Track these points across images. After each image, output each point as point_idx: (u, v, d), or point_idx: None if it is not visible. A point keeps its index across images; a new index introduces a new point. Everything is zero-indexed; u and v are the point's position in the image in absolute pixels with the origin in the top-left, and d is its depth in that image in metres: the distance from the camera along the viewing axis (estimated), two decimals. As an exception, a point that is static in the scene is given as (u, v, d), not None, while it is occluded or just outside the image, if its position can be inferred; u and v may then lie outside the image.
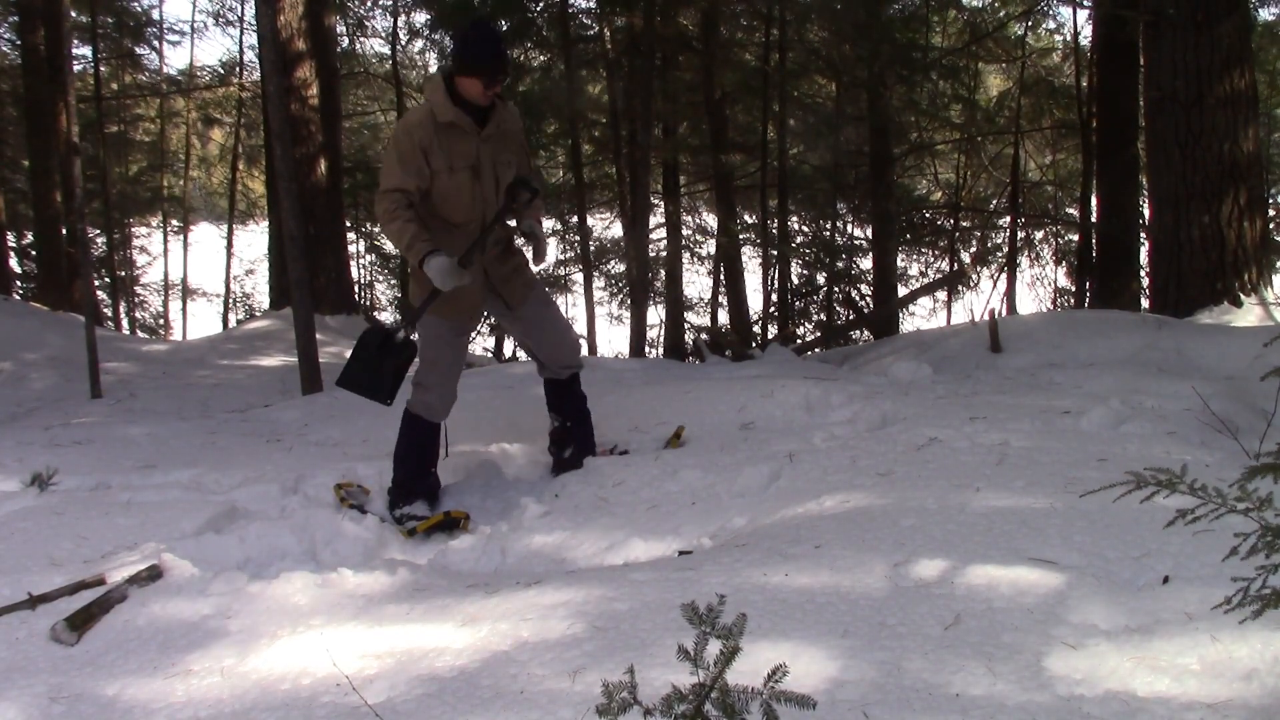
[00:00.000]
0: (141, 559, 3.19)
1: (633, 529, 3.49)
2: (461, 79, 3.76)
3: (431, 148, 3.76)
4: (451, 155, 3.79)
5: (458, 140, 3.79)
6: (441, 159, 3.78)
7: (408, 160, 3.76)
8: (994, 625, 2.21)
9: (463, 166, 3.81)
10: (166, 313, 20.72)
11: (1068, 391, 4.44)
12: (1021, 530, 2.67)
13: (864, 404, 4.40)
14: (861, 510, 3.04)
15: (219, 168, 22.93)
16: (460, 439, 4.89)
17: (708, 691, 1.46)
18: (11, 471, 4.49)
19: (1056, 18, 15.17)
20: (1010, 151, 14.36)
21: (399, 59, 18.23)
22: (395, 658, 2.38)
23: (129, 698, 2.38)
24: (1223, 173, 6.47)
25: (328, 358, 8.82)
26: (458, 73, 3.76)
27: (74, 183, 8.17)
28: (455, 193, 3.83)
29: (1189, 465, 1.91)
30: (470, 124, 3.80)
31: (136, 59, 19.06)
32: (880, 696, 1.95)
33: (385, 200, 3.79)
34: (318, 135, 11.60)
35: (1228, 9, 6.42)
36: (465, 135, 3.80)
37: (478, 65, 3.71)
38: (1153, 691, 1.92)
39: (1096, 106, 10.69)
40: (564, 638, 2.34)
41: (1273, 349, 2.20)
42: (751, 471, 3.76)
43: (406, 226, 3.74)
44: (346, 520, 3.72)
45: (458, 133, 3.79)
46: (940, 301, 15.68)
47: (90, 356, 7.50)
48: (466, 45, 3.75)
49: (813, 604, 2.37)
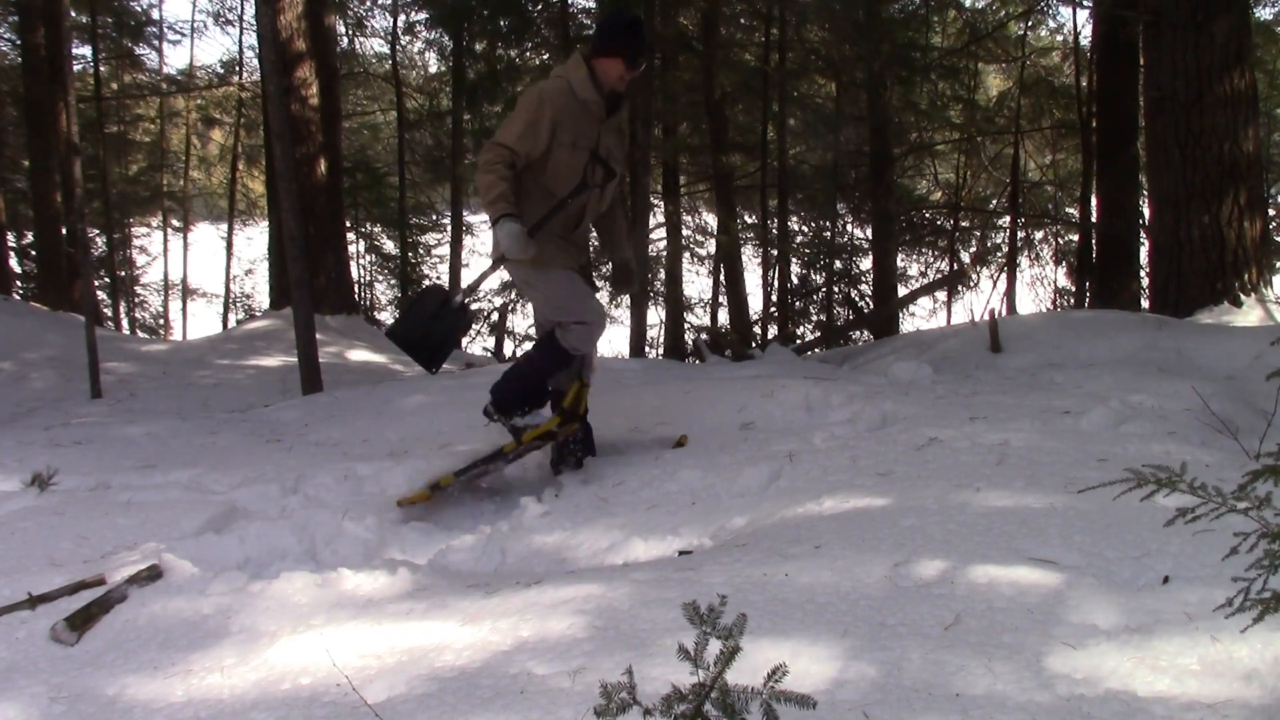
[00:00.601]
0: (141, 559, 3.19)
1: (633, 529, 3.49)
2: (602, 61, 3.81)
3: (563, 120, 3.82)
4: (578, 133, 3.85)
5: (586, 120, 3.86)
6: (568, 134, 3.83)
7: (534, 126, 3.81)
8: (994, 625, 2.21)
9: (585, 146, 3.87)
10: (166, 313, 20.74)
11: (1068, 391, 4.43)
12: (1021, 530, 2.67)
13: (864, 404, 4.40)
14: (861, 510, 3.04)
15: (219, 168, 22.94)
16: (460, 439, 4.89)
17: (708, 691, 1.46)
18: (11, 471, 4.49)
19: (1056, 18, 15.18)
20: (1010, 151, 14.37)
21: (399, 59, 18.26)
22: (395, 657, 2.38)
23: (129, 698, 2.38)
24: (1223, 173, 6.47)
25: (328, 358, 8.83)
26: (599, 55, 3.82)
27: (74, 183, 8.18)
28: (570, 169, 3.87)
29: (1189, 465, 1.91)
30: (600, 108, 3.87)
31: (136, 59, 19.08)
32: (880, 696, 1.95)
33: (491, 151, 3.83)
34: (318, 135, 11.60)
35: (1225, 6, 6.42)
36: (593, 118, 3.87)
37: (621, 47, 3.78)
38: (1153, 691, 1.92)
39: (1096, 106, 10.70)
40: (564, 637, 2.34)
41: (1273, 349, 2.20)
42: (751, 471, 3.76)
43: (498, 183, 3.78)
44: (347, 520, 3.72)
45: (588, 113, 3.85)
46: (940, 301, 15.68)
47: (90, 356, 7.50)
48: (611, 28, 3.84)
49: (813, 604, 2.37)
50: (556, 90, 3.84)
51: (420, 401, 5.87)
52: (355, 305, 13.18)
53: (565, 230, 4.00)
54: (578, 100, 3.83)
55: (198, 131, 21.30)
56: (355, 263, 17.82)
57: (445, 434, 5.05)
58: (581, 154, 3.87)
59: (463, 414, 5.45)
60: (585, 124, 3.86)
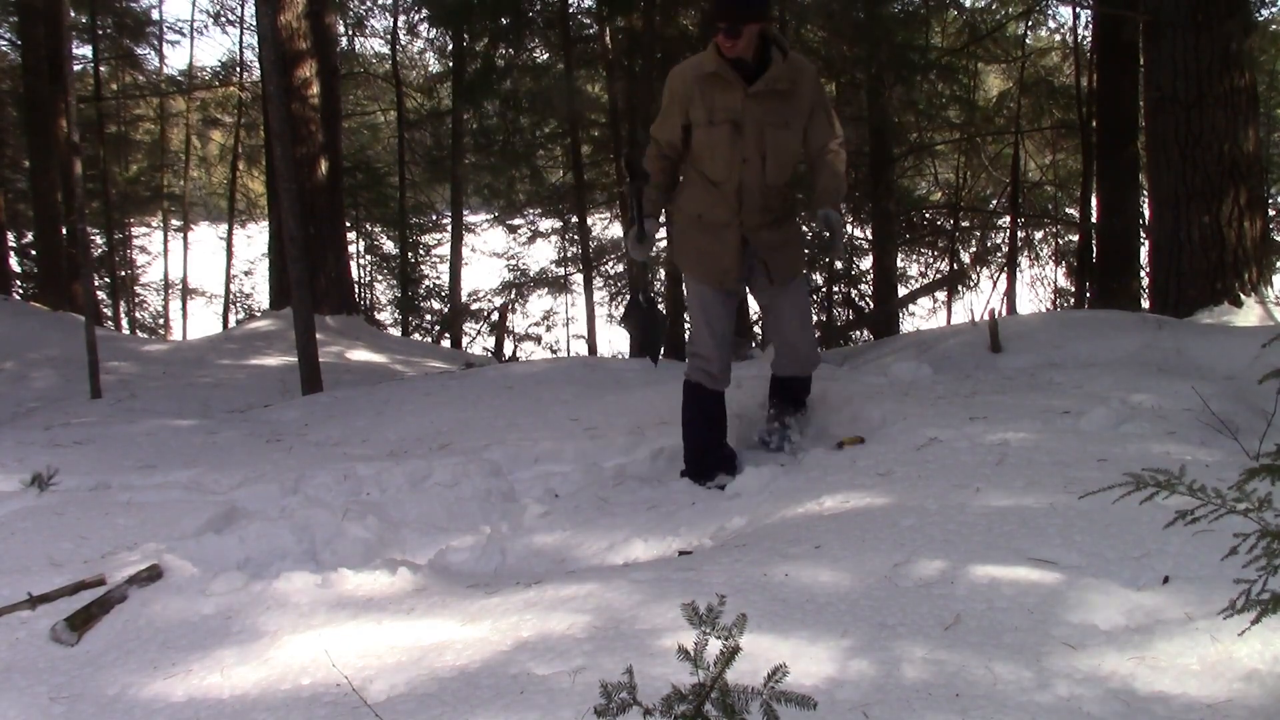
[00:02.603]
0: (141, 559, 3.19)
1: (633, 529, 3.49)
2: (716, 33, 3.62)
3: (692, 98, 3.66)
4: (713, 108, 3.65)
5: (721, 92, 3.64)
6: (701, 111, 3.66)
7: (667, 110, 3.74)
8: (994, 625, 2.21)
9: (723, 120, 3.65)
10: (166, 312, 20.74)
11: (1068, 391, 4.43)
12: (1021, 530, 2.67)
13: (864, 404, 4.40)
14: (861, 510, 3.04)
15: (219, 168, 22.93)
16: (460, 439, 4.89)
17: (708, 691, 1.46)
18: (11, 471, 4.49)
19: (1056, 18, 15.18)
20: (1010, 151, 14.36)
21: (399, 59, 18.26)
22: (395, 657, 2.38)
23: (129, 698, 2.38)
24: (1223, 173, 6.47)
25: (328, 358, 8.82)
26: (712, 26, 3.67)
27: (74, 183, 8.17)
28: (713, 147, 3.69)
29: (1188, 465, 1.91)
30: (735, 77, 3.62)
31: (136, 59, 19.08)
32: (880, 696, 1.95)
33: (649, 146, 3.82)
34: (318, 135, 11.60)
35: (1229, 10, 6.42)
36: (729, 88, 3.63)
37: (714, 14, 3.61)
38: (1153, 691, 1.92)
39: (1096, 106, 10.69)
40: (564, 637, 2.34)
41: (1272, 349, 2.20)
42: (751, 471, 3.76)
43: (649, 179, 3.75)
44: (346, 520, 3.72)
45: (720, 85, 3.63)
46: (940, 301, 15.68)
47: (90, 356, 7.49)
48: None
49: (813, 604, 2.37)
50: (683, 68, 3.72)
51: (420, 401, 5.87)
52: (355, 305, 13.18)
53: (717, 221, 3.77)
54: (705, 74, 3.64)
55: (198, 131, 21.29)
56: (355, 263, 17.82)
57: (445, 434, 5.06)
58: (720, 129, 3.65)
59: (463, 414, 5.46)
60: (721, 96, 3.63)
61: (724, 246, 3.75)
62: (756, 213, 3.74)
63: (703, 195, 3.74)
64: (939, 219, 14.72)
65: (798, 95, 3.67)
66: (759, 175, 3.68)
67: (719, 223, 3.75)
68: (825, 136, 3.74)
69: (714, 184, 3.72)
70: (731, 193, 3.70)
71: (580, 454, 4.56)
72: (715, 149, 3.67)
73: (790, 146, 3.71)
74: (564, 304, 17.85)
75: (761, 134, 3.64)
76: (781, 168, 3.72)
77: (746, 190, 3.70)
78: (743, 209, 3.73)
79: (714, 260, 3.79)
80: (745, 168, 3.67)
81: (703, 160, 3.72)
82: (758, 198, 3.71)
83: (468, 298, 16.58)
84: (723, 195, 3.72)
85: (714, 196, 3.73)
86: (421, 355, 11.86)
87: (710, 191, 3.74)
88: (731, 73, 3.60)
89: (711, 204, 3.72)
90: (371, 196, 17.94)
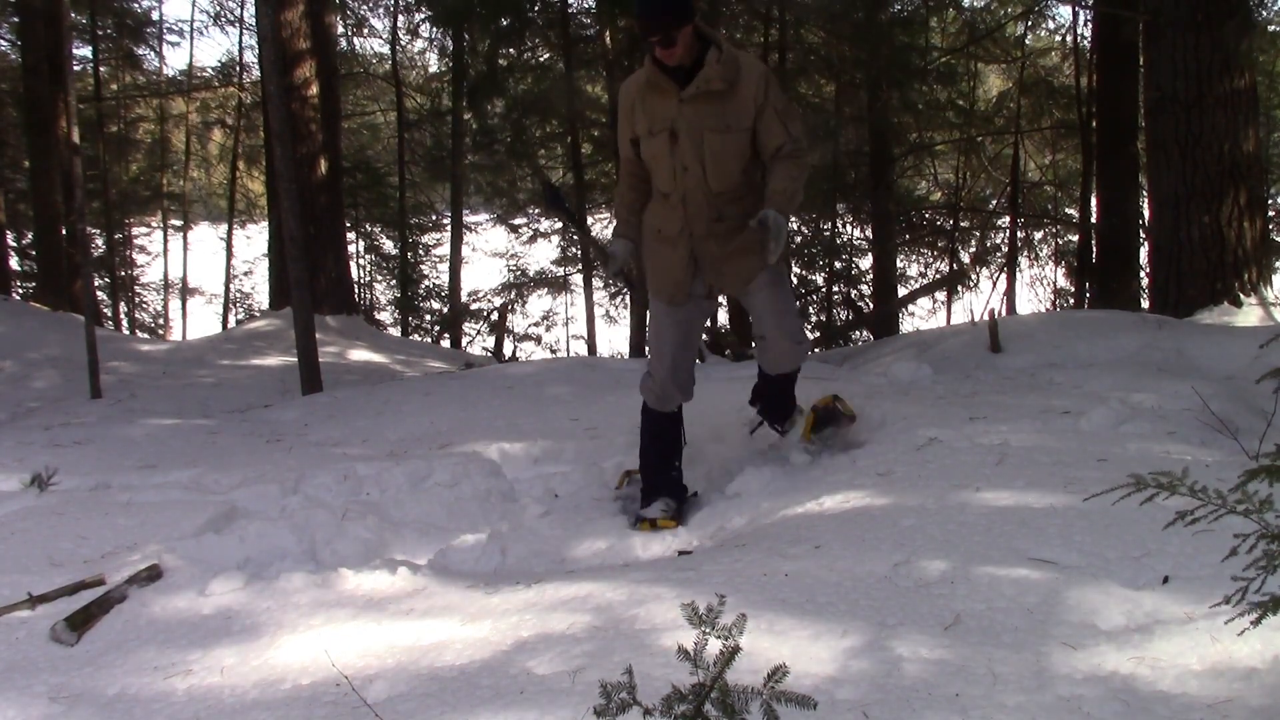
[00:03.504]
0: (141, 559, 3.19)
1: (633, 529, 3.49)
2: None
3: (636, 110, 3.57)
4: (653, 117, 3.53)
5: (659, 101, 3.51)
6: (644, 122, 3.55)
7: (620, 127, 3.67)
8: (994, 625, 2.21)
9: (661, 129, 3.51)
10: (166, 312, 20.74)
11: (1068, 391, 4.43)
12: (1021, 530, 2.67)
13: (864, 404, 4.40)
14: (861, 510, 3.04)
15: (219, 168, 22.93)
16: (460, 439, 4.89)
17: (708, 691, 1.46)
18: (11, 471, 4.49)
19: (1056, 18, 15.18)
20: (1010, 151, 14.36)
21: (399, 59, 18.26)
22: (395, 657, 2.38)
23: (129, 698, 2.38)
24: (1223, 173, 6.47)
25: (328, 358, 8.82)
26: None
27: (74, 183, 8.16)
28: (656, 158, 3.57)
29: (1189, 466, 1.91)
30: (669, 84, 3.46)
31: (136, 59, 19.07)
32: (880, 696, 1.95)
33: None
34: (318, 135, 11.60)
35: (1229, 10, 6.42)
36: (665, 96, 3.49)
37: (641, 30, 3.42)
38: (1153, 691, 1.92)
39: (1096, 106, 10.69)
40: (564, 637, 2.34)
41: (1271, 349, 2.19)
42: (751, 471, 3.76)
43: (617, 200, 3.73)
44: (346, 520, 3.72)
45: (658, 93, 3.50)
46: (940, 301, 15.69)
47: (90, 356, 7.49)
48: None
49: (813, 604, 2.37)
50: (628, 82, 3.64)
51: (420, 401, 5.87)
52: (355, 305, 13.18)
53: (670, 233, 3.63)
54: (645, 83, 3.52)
55: (198, 132, 21.29)
56: (355, 263, 17.82)
57: (445, 434, 5.06)
58: (659, 139, 3.51)
59: (463, 413, 5.46)
60: (659, 105, 3.50)
61: (675, 259, 3.63)
62: (704, 222, 3.56)
63: (658, 208, 3.66)
64: (939, 219, 14.72)
65: (738, 95, 3.45)
66: (701, 182, 3.52)
67: (670, 235, 3.62)
68: (775, 140, 3.48)
69: (664, 196, 3.62)
70: (677, 203, 3.57)
71: (580, 454, 4.56)
72: (657, 160, 3.56)
73: (730, 150, 3.50)
74: (564, 304, 17.86)
75: (699, 139, 3.47)
76: (724, 173, 3.51)
77: (691, 199, 3.54)
78: (689, 219, 3.57)
79: (665, 274, 3.67)
80: (686, 176, 3.52)
81: (653, 173, 3.63)
82: (705, 207, 3.54)
83: (467, 298, 16.59)
84: (670, 206, 3.60)
85: (665, 209, 3.63)
86: (421, 355, 11.86)
87: (662, 204, 3.64)
88: (666, 80, 3.46)
89: (665, 217, 3.62)
90: (371, 196, 17.94)
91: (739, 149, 3.51)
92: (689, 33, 3.38)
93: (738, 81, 3.43)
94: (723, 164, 3.50)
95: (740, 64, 3.46)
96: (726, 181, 3.53)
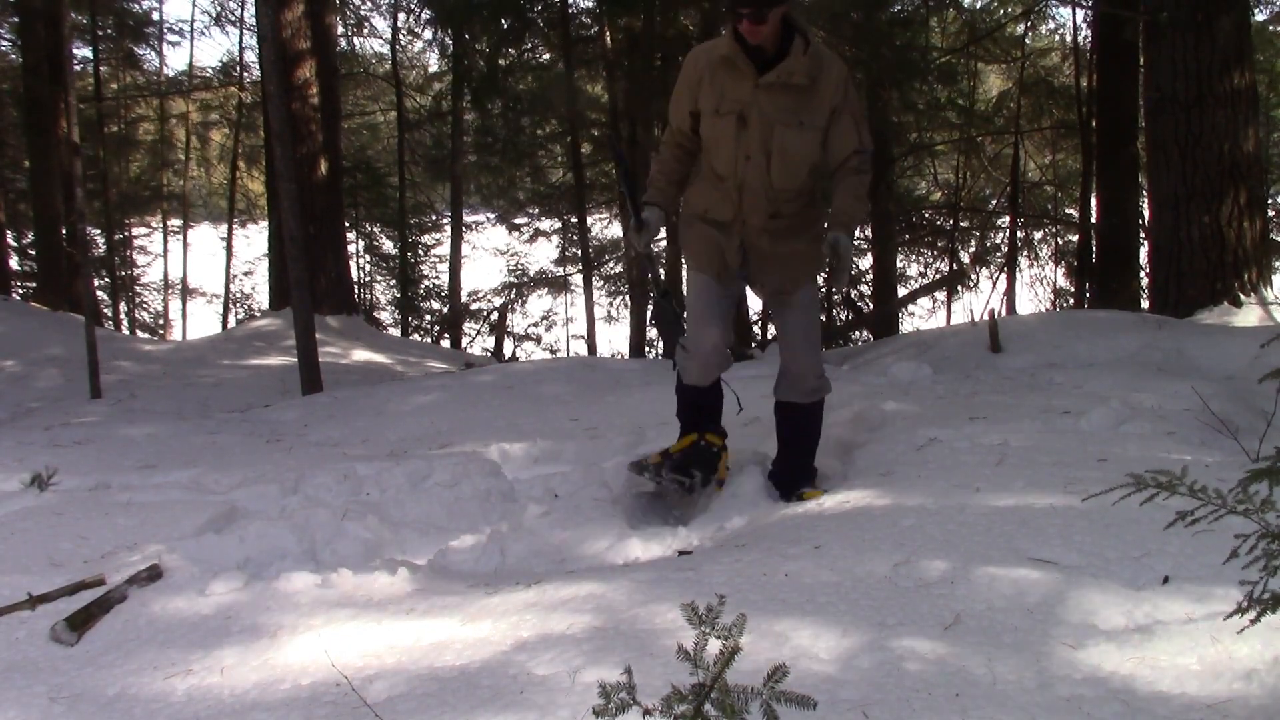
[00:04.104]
0: (141, 559, 3.19)
1: (633, 529, 3.49)
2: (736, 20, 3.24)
3: (704, 83, 3.34)
4: (723, 96, 3.31)
5: (733, 81, 3.29)
6: (711, 98, 3.33)
7: (677, 93, 3.44)
8: (994, 625, 2.21)
9: (730, 111, 3.30)
10: (166, 312, 20.73)
11: (1068, 391, 4.44)
12: (1021, 530, 2.67)
13: (864, 404, 4.40)
14: (861, 510, 3.04)
15: (219, 168, 22.93)
16: (460, 439, 4.89)
17: (708, 691, 1.46)
18: (11, 471, 4.49)
19: (1056, 18, 15.19)
20: (1010, 151, 14.37)
21: (399, 59, 18.27)
22: (395, 657, 2.38)
23: (129, 698, 2.38)
24: (1223, 173, 6.47)
25: (328, 358, 8.82)
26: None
27: (74, 183, 8.17)
28: (717, 139, 3.36)
29: (1189, 466, 1.91)
30: (748, 65, 3.25)
31: (137, 59, 19.08)
32: (880, 696, 1.95)
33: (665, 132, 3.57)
34: (318, 135, 11.60)
35: (1227, 5, 6.42)
36: (740, 77, 3.27)
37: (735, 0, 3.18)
38: (1153, 691, 1.92)
39: (1096, 106, 10.70)
40: (564, 638, 2.34)
41: (1271, 349, 2.19)
42: (752, 471, 3.75)
43: (656, 166, 3.53)
44: (346, 520, 3.72)
45: (734, 73, 3.28)
46: (940, 301, 15.69)
47: (90, 356, 7.49)
48: None
49: (812, 604, 2.37)
50: (699, 50, 3.40)
51: (420, 401, 5.87)
52: (355, 305, 13.19)
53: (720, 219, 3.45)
54: (720, 58, 3.28)
55: (198, 132, 21.29)
56: (355, 263, 17.83)
57: (445, 434, 5.06)
58: (726, 121, 3.30)
59: (463, 414, 5.46)
60: (732, 85, 3.28)
61: (727, 246, 3.46)
62: (760, 215, 3.39)
63: (709, 191, 3.47)
64: (939, 219, 14.73)
65: (817, 93, 3.27)
66: (763, 175, 3.33)
67: (723, 220, 3.44)
68: (848, 146, 3.32)
69: (720, 179, 3.42)
70: (733, 190, 3.39)
71: (580, 454, 4.56)
72: (719, 141, 3.36)
73: (801, 148, 3.31)
74: (564, 304, 17.86)
75: (769, 130, 3.28)
76: (789, 170, 3.32)
77: (748, 189, 3.36)
78: (744, 209, 3.39)
79: (713, 255, 3.49)
80: (748, 165, 3.33)
81: (710, 153, 3.43)
82: (763, 200, 3.36)
83: (467, 298, 16.60)
84: (724, 192, 3.42)
85: (717, 192, 3.44)
86: (421, 355, 11.87)
87: (716, 187, 3.45)
88: (745, 60, 3.24)
89: (717, 201, 3.43)
90: (371, 196, 17.95)
91: (809, 148, 3.32)
92: (780, 14, 3.19)
93: (819, 78, 3.25)
94: (789, 161, 3.32)
95: (824, 61, 3.28)
96: (791, 180, 3.35)
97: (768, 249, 3.42)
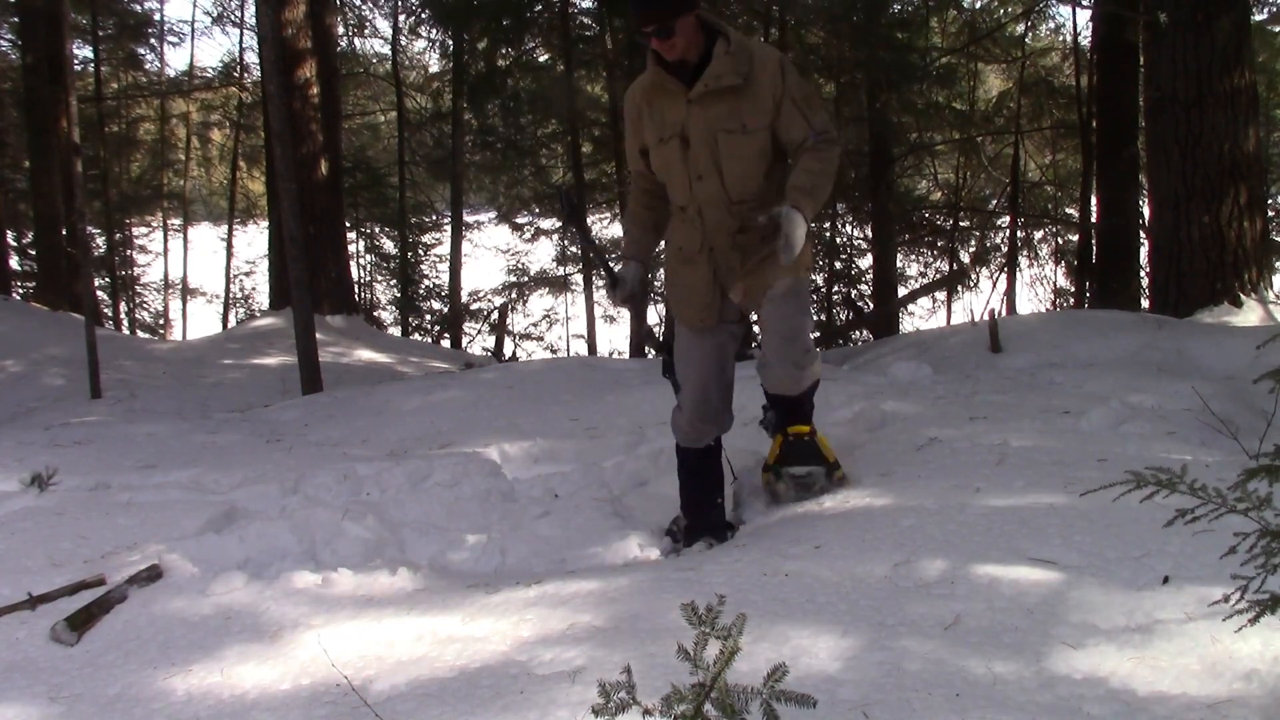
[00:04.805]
0: (141, 559, 3.19)
1: (633, 529, 3.49)
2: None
3: (644, 117, 3.19)
4: (661, 123, 3.14)
5: (668, 104, 3.12)
6: (653, 129, 3.17)
7: (628, 138, 3.29)
8: (994, 625, 2.21)
9: (671, 135, 3.12)
10: (166, 312, 20.74)
11: (1068, 391, 4.43)
12: (1021, 530, 2.67)
13: (864, 404, 4.40)
14: (861, 510, 3.04)
15: (219, 168, 22.94)
16: (460, 439, 4.89)
17: (708, 691, 1.46)
18: (11, 471, 4.49)
19: (1056, 18, 15.19)
20: (1010, 151, 14.37)
21: (399, 59, 18.27)
22: (395, 657, 2.38)
23: (129, 698, 2.38)
24: (1223, 173, 6.47)
25: (328, 358, 8.83)
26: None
27: (74, 183, 8.17)
28: (669, 167, 3.18)
29: (1189, 465, 1.91)
30: (675, 83, 3.07)
31: (137, 59, 19.09)
32: (880, 696, 1.95)
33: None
34: (318, 135, 11.61)
35: (1227, 5, 6.42)
36: (673, 98, 3.09)
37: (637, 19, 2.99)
38: (1153, 691, 1.92)
39: (1096, 106, 10.69)
40: (564, 637, 2.34)
41: (1270, 349, 2.19)
42: (751, 471, 3.75)
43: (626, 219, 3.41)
44: (346, 520, 3.72)
45: (666, 96, 3.11)
46: (940, 301, 15.69)
47: (90, 356, 7.49)
48: None
49: (812, 604, 2.37)
50: (633, 87, 3.24)
51: (420, 401, 5.87)
52: (355, 305, 13.19)
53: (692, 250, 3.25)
54: (650, 85, 3.14)
55: (198, 132, 21.30)
56: (355, 263, 17.83)
57: (445, 434, 5.06)
58: (670, 146, 3.13)
59: (463, 413, 5.46)
60: (668, 109, 3.11)
61: (697, 280, 3.25)
62: (726, 235, 3.18)
63: (677, 224, 3.29)
64: (938, 219, 14.72)
65: (754, 90, 3.03)
66: (718, 191, 3.12)
67: (692, 253, 3.25)
68: (798, 134, 3.06)
69: (681, 209, 3.25)
70: (694, 216, 3.19)
71: (580, 454, 4.56)
72: (670, 168, 3.17)
73: (749, 151, 3.09)
74: (564, 304, 17.86)
75: (713, 142, 3.07)
76: (744, 179, 3.12)
77: (709, 211, 3.16)
78: (708, 233, 3.19)
79: (690, 298, 3.29)
80: (701, 185, 3.12)
81: (667, 185, 3.23)
82: (725, 218, 3.16)
83: (468, 298, 16.59)
84: (688, 221, 3.23)
85: (684, 224, 3.26)
86: (421, 355, 11.87)
87: (680, 218, 3.27)
88: (672, 80, 3.07)
89: (685, 233, 3.24)
90: (371, 196, 17.94)
91: (758, 150, 3.10)
92: (691, 23, 2.98)
93: (752, 74, 3.02)
94: (741, 169, 3.10)
95: (753, 54, 3.05)
96: (747, 188, 3.13)
97: (739, 266, 3.22)
